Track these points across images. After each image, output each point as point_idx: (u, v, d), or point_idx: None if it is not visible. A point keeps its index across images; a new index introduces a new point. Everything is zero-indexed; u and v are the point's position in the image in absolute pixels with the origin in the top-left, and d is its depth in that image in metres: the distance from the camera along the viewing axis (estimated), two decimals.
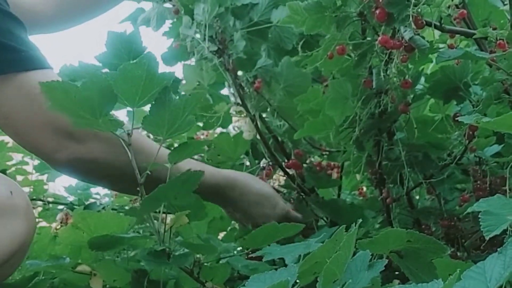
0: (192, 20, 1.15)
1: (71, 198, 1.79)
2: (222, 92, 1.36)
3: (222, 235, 1.36)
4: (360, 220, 0.62)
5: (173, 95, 0.79)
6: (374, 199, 1.20)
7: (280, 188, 1.25)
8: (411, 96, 0.99)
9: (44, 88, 0.74)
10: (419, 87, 1.02)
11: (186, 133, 1.41)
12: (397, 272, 0.83)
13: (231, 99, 1.22)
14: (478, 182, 0.94)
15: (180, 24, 1.18)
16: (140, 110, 0.89)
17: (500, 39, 0.78)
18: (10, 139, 1.05)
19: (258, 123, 1.17)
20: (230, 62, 1.13)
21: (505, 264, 0.48)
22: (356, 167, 1.07)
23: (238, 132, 1.29)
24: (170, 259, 0.82)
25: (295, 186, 1.19)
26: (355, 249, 0.59)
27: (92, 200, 1.75)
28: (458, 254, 0.95)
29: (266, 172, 1.19)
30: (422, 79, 1.02)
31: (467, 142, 0.92)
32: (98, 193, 1.97)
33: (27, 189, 1.74)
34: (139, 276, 0.92)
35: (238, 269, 0.94)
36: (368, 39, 0.90)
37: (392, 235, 0.65)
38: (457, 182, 1.03)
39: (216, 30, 1.12)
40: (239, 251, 0.97)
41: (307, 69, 1.09)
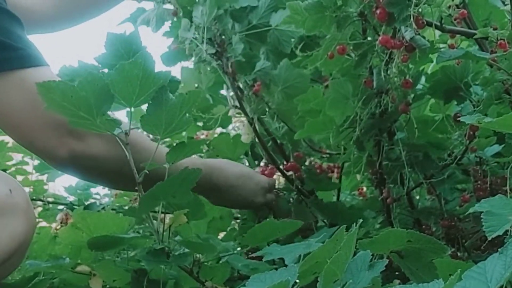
0: (190, 23, 1.14)
1: (71, 198, 1.79)
2: (221, 92, 1.35)
3: (222, 235, 1.36)
4: (361, 220, 0.62)
5: (170, 95, 0.79)
6: (374, 199, 1.20)
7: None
8: (412, 96, 0.99)
9: (41, 89, 0.73)
10: (419, 87, 1.02)
11: (185, 133, 1.41)
12: (397, 272, 0.83)
13: (229, 102, 1.22)
14: (479, 182, 0.94)
15: (180, 24, 1.18)
16: (139, 109, 0.89)
17: (500, 39, 0.78)
18: (10, 139, 1.05)
19: (257, 126, 1.17)
20: (229, 65, 1.13)
21: (506, 264, 0.48)
22: (356, 167, 1.07)
23: (238, 133, 1.29)
24: (170, 258, 0.82)
25: (294, 189, 1.19)
26: (356, 249, 0.59)
27: (92, 200, 1.75)
28: (459, 254, 0.95)
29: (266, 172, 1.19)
30: (423, 79, 1.02)
31: (468, 142, 0.92)
32: (98, 193, 1.97)
33: (27, 189, 1.74)
34: (139, 275, 0.91)
35: (238, 268, 0.93)
36: (369, 39, 0.90)
37: (393, 235, 0.65)
38: (457, 182, 1.03)
39: (214, 33, 1.12)
40: (238, 251, 0.97)
41: (307, 69, 1.09)
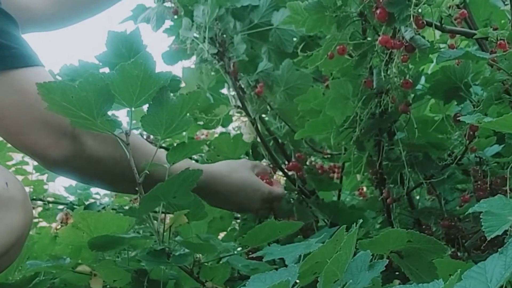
0: (192, 22, 1.14)
1: (71, 198, 1.79)
2: (222, 91, 1.35)
3: (222, 235, 1.36)
4: (361, 221, 0.62)
5: (171, 95, 0.79)
6: (374, 199, 1.20)
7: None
8: (412, 96, 0.99)
9: (41, 89, 0.73)
10: (419, 87, 1.02)
11: (186, 132, 1.41)
12: (397, 272, 0.83)
13: (231, 102, 1.22)
14: (479, 183, 0.94)
15: (181, 23, 1.17)
16: (139, 110, 0.89)
17: (500, 39, 0.78)
18: None
19: (258, 125, 1.17)
20: (231, 65, 1.12)
21: (506, 264, 0.48)
22: (356, 167, 1.07)
23: (238, 132, 1.29)
24: (170, 258, 0.82)
25: (296, 188, 1.19)
26: (356, 249, 0.59)
27: (92, 200, 1.76)
28: (459, 254, 0.95)
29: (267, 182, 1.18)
30: (423, 79, 1.02)
31: (468, 142, 0.92)
32: (98, 193, 1.97)
33: (27, 188, 1.74)
34: (139, 276, 0.91)
35: (238, 268, 0.94)
36: (369, 39, 0.90)
37: (393, 235, 0.65)
38: (457, 182, 1.03)
39: (216, 32, 1.12)
40: (239, 251, 0.97)
41: (307, 69, 1.09)
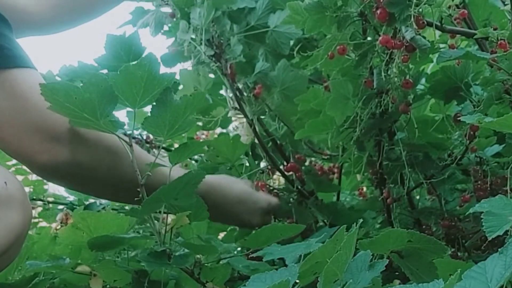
0: (189, 25, 1.15)
1: (71, 198, 1.79)
2: (220, 94, 1.36)
3: (222, 235, 1.36)
4: (361, 221, 0.62)
5: (174, 96, 0.79)
6: (374, 199, 1.20)
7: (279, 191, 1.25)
8: (412, 96, 0.99)
9: (44, 89, 0.73)
10: (419, 87, 1.02)
11: (186, 133, 1.41)
12: (397, 272, 0.83)
13: (229, 104, 1.22)
14: (479, 183, 0.94)
15: (179, 26, 1.18)
16: (141, 111, 0.89)
17: (501, 39, 0.78)
18: None
19: (256, 127, 1.17)
20: (228, 66, 1.13)
21: (506, 264, 0.48)
22: (356, 167, 1.07)
23: (237, 133, 1.29)
24: (171, 259, 0.82)
25: (294, 189, 1.19)
26: (356, 249, 0.59)
27: (92, 200, 1.75)
28: (459, 254, 0.95)
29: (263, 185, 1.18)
30: (423, 79, 1.02)
31: (468, 142, 0.92)
32: None
33: (27, 189, 1.74)
34: (140, 276, 0.91)
35: (239, 269, 0.93)
36: (369, 39, 0.90)
37: (393, 235, 0.65)
38: (457, 182, 1.03)
39: (212, 34, 1.12)
40: (239, 252, 0.97)
41: (306, 70, 1.09)
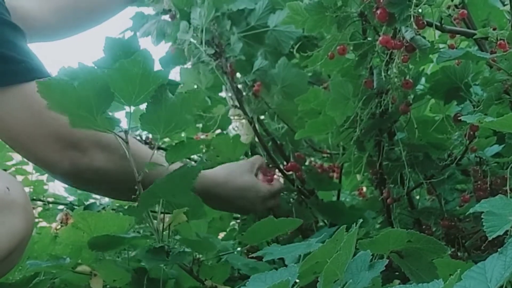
0: (189, 25, 1.15)
1: (71, 198, 1.79)
2: (220, 94, 1.36)
3: (222, 235, 1.36)
4: (361, 220, 0.62)
5: (169, 94, 0.79)
6: (374, 199, 1.20)
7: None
8: (412, 96, 0.99)
9: (41, 87, 0.73)
10: (419, 87, 1.02)
11: (185, 134, 1.41)
12: (397, 272, 0.83)
13: (228, 102, 1.22)
14: (479, 183, 0.94)
15: (178, 27, 1.18)
16: (138, 109, 0.89)
17: (500, 39, 0.78)
18: None
19: (256, 126, 1.17)
20: (228, 65, 1.13)
21: (505, 264, 0.48)
22: (356, 167, 1.07)
23: (237, 132, 1.29)
24: (169, 256, 0.82)
25: (295, 188, 1.19)
26: (356, 249, 0.59)
27: (92, 200, 1.75)
28: (459, 254, 0.95)
29: (269, 177, 1.18)
30: (423, 79, 1.02)
31: (468, 142, 0.92)
32: None
33: (27, 189, 1.74)
34: (139, 275, 0.92)
35: (238, 267, 0.94)
36: (369, 39, 0.90)
37: (393, 235, 0.65)
38: (457, 182, 1.03)
39: (213, 34, 1.13)
40: (239, 251, 0.97)
41: (306, 70, 1.09)
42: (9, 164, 1.82)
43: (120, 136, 0.81)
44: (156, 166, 0.84)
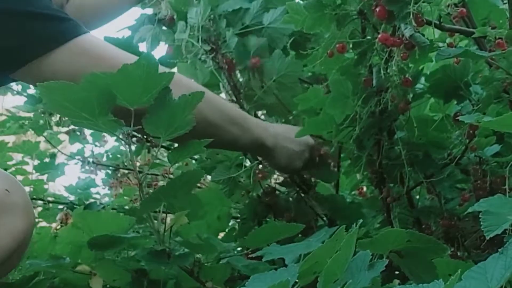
0: (186, 25, 1.17)
1: (71, 198, 1.79)
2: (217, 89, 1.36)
3: (222, 235, 1.36)
4: (361, 220, 0.62)
5: (173, 95, 0.79)
6: (374, 198, 1.19)
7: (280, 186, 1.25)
8: (411, 95, 0.99)
9: (42, 89, 0.73)
10: (419, 86, 1.02)
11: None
12: (397, 272, 0.83)
13: (225, 98, 1.22)
14: (478, 182, 0.94)
15: (176, 28, 1.20)
16: None
17: (499, 38, 0.78)
18: (11, 139, 1.04)
19: None
20: (224, 60, 1.14)
21: (506, 264, 0.48)
22: (356, 166, 1.07)
23: None
24: (170, 258, 0.82)
25: (293, 184, 1.19)
26: (356, 249, 0.59)
27: (92, 200, 1.76)
28: (458, 253, 0.95)
29: (263, 174, 1.18)
30: (422, 78, 1.02)
31: (468, 141, 0.92)
32: (98, 192, 1.97)
33: (27, 188, 1.74)
34: (139, 276, 0.92)
35: (238, 268, 0.93)
36: (368, 37, 0.90)
37: (392, 235, 0.65)
38: (457, 181, 1.02)
39: (210, 33, 1.13)
40: (239, 251, 0.97)
41: (305, 70, 1.09)
42: (9, 164, 1.82)
43: (121, 138, 0.81)
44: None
